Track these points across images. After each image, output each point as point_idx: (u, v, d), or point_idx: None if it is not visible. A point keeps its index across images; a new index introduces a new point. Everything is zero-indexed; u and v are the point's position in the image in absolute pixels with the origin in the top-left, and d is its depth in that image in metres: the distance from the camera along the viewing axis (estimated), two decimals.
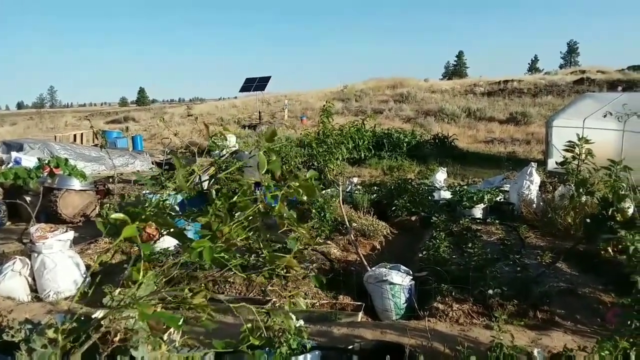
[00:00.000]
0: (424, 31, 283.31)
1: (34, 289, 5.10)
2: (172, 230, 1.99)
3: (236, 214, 1.97)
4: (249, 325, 2.36)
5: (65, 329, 1.92)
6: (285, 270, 2.50)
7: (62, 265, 5.10)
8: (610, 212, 5.27)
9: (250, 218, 1.94)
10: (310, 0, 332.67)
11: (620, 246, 4.81)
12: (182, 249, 4.22)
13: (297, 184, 1.91)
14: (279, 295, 4.64)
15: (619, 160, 6.41)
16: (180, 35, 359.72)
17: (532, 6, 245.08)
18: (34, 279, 5.12)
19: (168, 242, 5.52)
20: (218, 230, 1.85)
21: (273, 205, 1.92)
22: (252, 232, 1.98)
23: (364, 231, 6.94)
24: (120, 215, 1.82)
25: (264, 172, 1.90)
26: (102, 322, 1.90)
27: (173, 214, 2.22)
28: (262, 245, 2.06)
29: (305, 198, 1.95)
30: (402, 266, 4.75)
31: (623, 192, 5.26)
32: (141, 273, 1.96)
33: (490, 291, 4.28)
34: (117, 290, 2.03)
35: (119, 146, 18.14)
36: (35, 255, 5.11)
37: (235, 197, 1.99)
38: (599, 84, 29.72)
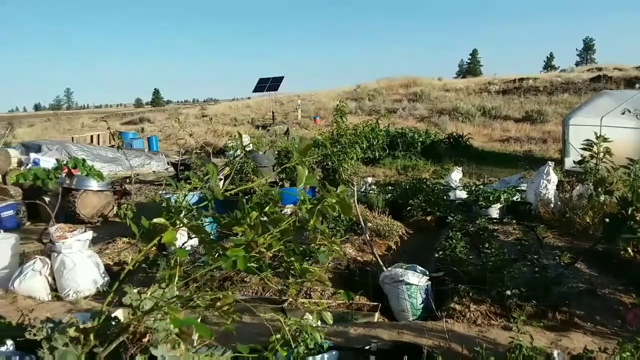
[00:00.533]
0: (437, 30, 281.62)
1: (54, 288, 5.18)
2: (204, 237, 2.00)
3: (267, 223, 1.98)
4: (278, 336, 2.37)
5: (93, 328, 1.94)
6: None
7: (81, 264, 5.18)
8: (629, 212, 5.20)
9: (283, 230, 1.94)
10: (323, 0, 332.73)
11: None
12: (204, 250, 4.24)
13: (334, 200, 1.92)
14: (296, 296, 4.65)
15: (638, 159, 6.32)
16: (193, 37, 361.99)
17: (546, 3, 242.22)
18: (54, 278, 5.20)
19: (181, 241, 5.55)
20: (253, 241, 1.86)
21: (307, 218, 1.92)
22: (284, 244, 1.99)
23: (379, 231, 6.92)
24: (162, 220, 1.84)
25: (300, 186, 1.90)
26: (131, 323, 1.92)
27: (204, 219, 2.23)
28: (294, 259, 2.06)
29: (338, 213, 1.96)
30: (418, 266, 4.73)
31: None
32: (176, 278, 1.97)
33: (508, 292, 4.24)
34: (149, 291, 2.04)
35: (135, 147, 18.36)
36: (55, 254, 5.19)
37: (267, 207, 2.00)
38: (616, 81, 29.28)
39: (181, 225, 1.88)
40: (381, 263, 5.12)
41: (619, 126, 11.08)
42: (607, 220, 5.48)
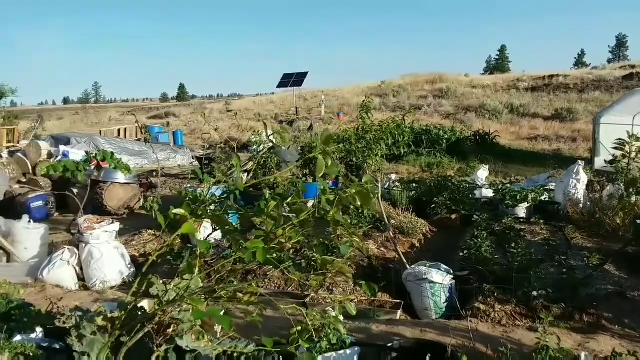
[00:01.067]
0: (465, 26, 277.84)
1: (81, 278, 5.29)
2: (227, 228, 2.01)
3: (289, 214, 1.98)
4: (299, 327, 2.36)
5: (120, 317, 1.97)
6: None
7: (108, 255, 5.28)
8: None
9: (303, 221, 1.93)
10: None
11: None
12: (228, 243, 4.26)
13: (354, 190, 1.90)
14: (317, 290, 4.64)
15: None
16: (218, 34, 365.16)
17: None
18: (81, 268, 5.31)
19: (205, 234, 5.61)
20: (272, 233, 1.86)
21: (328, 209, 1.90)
22: (304, 236, 1.98)
23: (402, 229, 6.87)
24: (181, 211, 1.85)
25: (320, 175, 1.89)
26: (157, 313, 1.94)
27: (229, 211, 2.24)
28: (314, 250, 2.05)
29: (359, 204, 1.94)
30: (442, 265, 4.68)
31: None
32: (197, 269, 1.99)
33: (535, 293, 4.16)
34: (173, 283, 2.06)
35: (160, 141, 18.61)
36: (83, 245, 5.30)
37: (290, 198, 1.99)
38: None
39: (203, 215, 1.89)
40: (404, 260, 5.08)
41: None
42: (638, 221, 5.34)
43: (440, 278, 4.45)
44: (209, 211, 1.97)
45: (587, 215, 6.99)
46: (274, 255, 1.94)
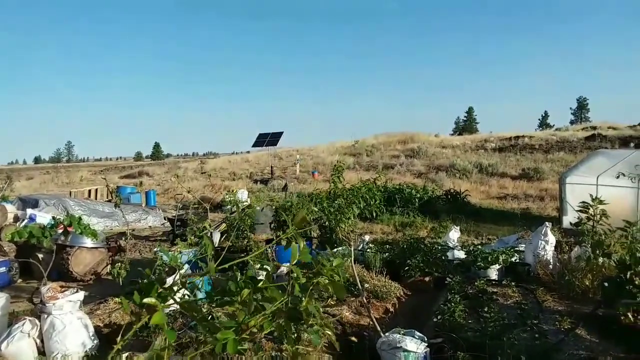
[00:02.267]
0: (434, 88, 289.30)
1: (41, 351, 5.03)
2: (198, 316, 1.96)
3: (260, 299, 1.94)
4: None
5: None
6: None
7: (71, 326, 5.05)
8: (628, 276, 5.17)
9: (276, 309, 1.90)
10: (322, 57, 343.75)
11: None
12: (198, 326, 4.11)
13: (327, 280, 1.90)
14: None
15: (634, 220, 6.33)
16: (194, 91, 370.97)
17: (540, 63, 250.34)
18: (42, 340, 5.06)
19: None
20: (243, 324, 1.83)
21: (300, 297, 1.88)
22: (276, 323, 1.94)
23: (376, 292, 6.81)
24: (152, 301, 1.81)
25: (294, 262, 1.89)
26: None
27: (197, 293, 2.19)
28: (287, 340, 2.00)
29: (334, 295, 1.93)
30: (416, 332, 4.62)
31: None
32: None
33: None
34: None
35: (132, 201, 18.37)
36: (45, 316, 5.06)
37: (261, 283, 1.97)
38: (611, 140, 29.82)
39: (171, 302, 1.85)
40: (378, 328, 5.01)
41: (615, 185, 11.16)
42: (606, 284, 5.43)
43: (414, 346, 4.38)
44: (178, 298, 1.92)
45: (557, 277, 7.07)
46: (245, 345, 1.89)
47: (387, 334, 4.68)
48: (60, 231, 8.02)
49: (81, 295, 5.34)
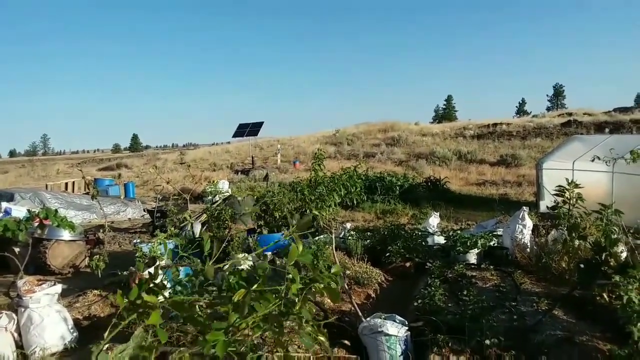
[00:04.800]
0: (414, 76, 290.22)
1: (19, 345, 4.95)
2: (188, 315, 1.93)
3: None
4: None
5: None
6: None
7: (49, 320, 4.98)
8: (603, 257, 5.27)
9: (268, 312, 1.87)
10: (303, 47, 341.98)
11: (615, 293, 4.77)
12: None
13: (322, 286, 1.88)
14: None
15: (609, 203, 6.45)
16: (174, 82, 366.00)
17: (517, 50, 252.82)
18: (20, 334, 4.98)
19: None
20: (234, 327, 1.80)
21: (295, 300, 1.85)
22: (267, 326, 1.91)
23: (358, 279, 6.85)
24: (153, 298, 1.78)
25: (291, 263, 1.86)
26: None
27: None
28: (277, 344, 1.98)
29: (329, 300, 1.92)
30: (397, 316, 4.67)
31: (615, 237, 5.27)
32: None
33: (487, 341, 4.20)
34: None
35: (110, 194, 18.10)
36: (22, 309, 4.99)
37: (255, 285, 1.95)
38: (586, 126, 30.34)
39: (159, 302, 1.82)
40: (360, 313, 5.04)
41: (590, 170, 11.35)
42: (581, 266, 5.53)
43: (395, 330, 4.42)
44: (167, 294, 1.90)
45: (534, 260, 7.21)
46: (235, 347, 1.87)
47: (368, 318, 4.71)
48: (36, 224, 7.87)
49: (59, 288, 5.26)
